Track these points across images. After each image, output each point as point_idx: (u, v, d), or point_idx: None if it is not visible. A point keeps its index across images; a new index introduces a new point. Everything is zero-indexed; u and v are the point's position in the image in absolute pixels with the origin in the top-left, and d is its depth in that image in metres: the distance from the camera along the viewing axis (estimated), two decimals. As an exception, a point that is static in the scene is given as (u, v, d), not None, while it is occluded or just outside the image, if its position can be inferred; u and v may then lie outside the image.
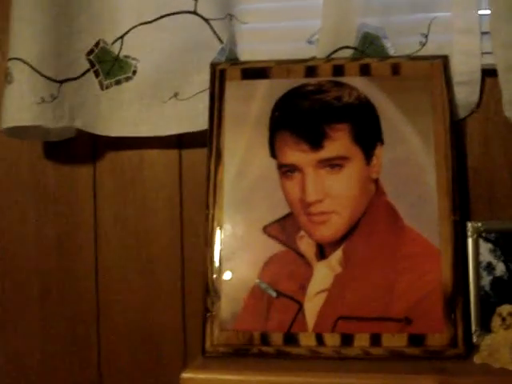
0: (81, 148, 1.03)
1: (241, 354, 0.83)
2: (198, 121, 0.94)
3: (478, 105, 0.93)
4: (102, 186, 1.03)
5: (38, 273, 1.05)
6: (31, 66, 0.90)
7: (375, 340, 0.81)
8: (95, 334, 1.03)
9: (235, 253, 0.86)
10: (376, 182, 0.85)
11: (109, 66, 0.95)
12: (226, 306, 0.84)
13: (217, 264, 0.86)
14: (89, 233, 1.03)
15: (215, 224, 0.87)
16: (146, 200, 1.02)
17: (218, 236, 0.87)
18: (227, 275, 0.86)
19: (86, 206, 1.03)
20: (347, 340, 0.82)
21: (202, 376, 0.79)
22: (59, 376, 1.04)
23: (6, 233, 1.05)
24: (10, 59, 0.91)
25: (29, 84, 0.90)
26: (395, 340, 0.81)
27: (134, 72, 0.95)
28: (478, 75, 0.91)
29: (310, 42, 0.94)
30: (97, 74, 0.96)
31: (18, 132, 0.95)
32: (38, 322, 1.04)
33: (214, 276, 0.86)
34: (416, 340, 0.81)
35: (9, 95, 0.91)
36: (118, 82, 0.95)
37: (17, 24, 0.91)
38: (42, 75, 0.91)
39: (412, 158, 0.85)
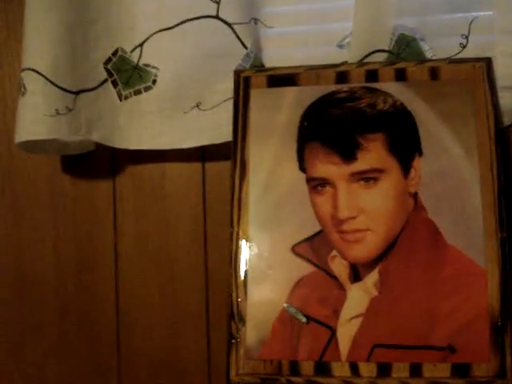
0: (100, 162, 0.98)
1: (268, 384, 0.77)
2: (221, 132, 0.89)
3: (525, 111, 0.86)
4: (121, 201, 0.98)
5: (56, 293, 1.00)
6: (45, 77, 0.86)
7: (415, 370, 0.75)
8: (115, 358, 0.98)
9: (262, 274, 0.81)
10: (415, 196, 0.79)
11: (127, 75, 0.90)
12: (252, 332, 0.79)
13: (242, 286, 0.81)
14: (109, 251, 0.98)
15: (240, 242, 0.82)
16: (167, 216, 0.96)
17: (243, 255, 0.82)
18: (253, 298, 0.80)
19: (105, 222, 0.98)
20: (384, 370, 0.76)
21: (226, 409, 0.73)
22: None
23: (23, 252, 1.01)
24: (23, 70, 0.87)
25: (43, 96, 0.86)
26: (437, 370, 0.75)
27: (154, 81, 0.89)
28: (523, 79, 0.84)
29: (340, 46, 0.88)
30: (115, 84, 0.91)
31: (34, 146, 0.91)
32: (55, 344, 1.00)
33: (239, 299, 0.80)
34: (460, 370, 0.75)
35: (22, 108, 0.87)
36: (138, 92, 0.90)
37: (30, 33, 0.87)
38: (57, 86, 0.87)
39: (454, 171, 0.79)
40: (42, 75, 0.86)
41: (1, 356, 1.01)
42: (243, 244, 0.81)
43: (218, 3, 0.88)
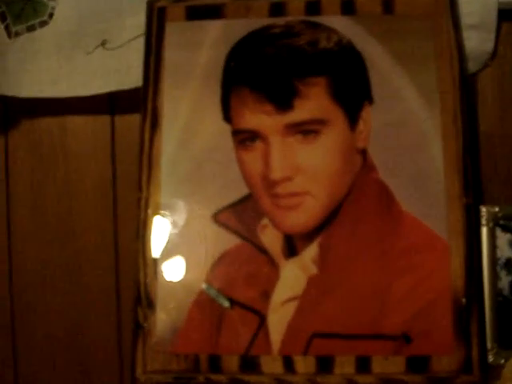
0: (-12, 115, 0.89)
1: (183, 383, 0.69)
2: (131, 76, 0.81)
3: (494, 55, 0.79)
4: (15, 163, 0.87)
5: None
6: None
7: (363, 364, 0.68)
8: (10, 350, 0.87)
9: (176, 248, 0.72)
10: (363, 153, 0.72)
11: (19, 7, 0.82)
12: (164, 320, 0.70)
13: (151, 264, 0.72)
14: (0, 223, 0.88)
15: (150, 211, 0.73)
16: (70, 180, 0.87)
17: (154, 226, 0.72)
18: (165, 278, 0.71)
19: (-4, 187, 0.90)
20: (325, 365, 0.68)
21: (127, 416, 0.62)
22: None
23: None
24: None
25: None
26: (389, 364, 0.67)
27: (51, 15, 0.82)
28: (493, 17, 0.77)
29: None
30: (3, 18, 0.82)
31: None
32: None
33: (148, 280, 0.71)
34: (417, 364, 0.67)
35: None
36: (31, 29, 0.82)
37: None
38: None
39: (411, 123, 0.72)
40: None
41: None
42: (154, 212, 0.73)
43: None
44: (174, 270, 0.71)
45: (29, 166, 0.87)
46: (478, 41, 0.77)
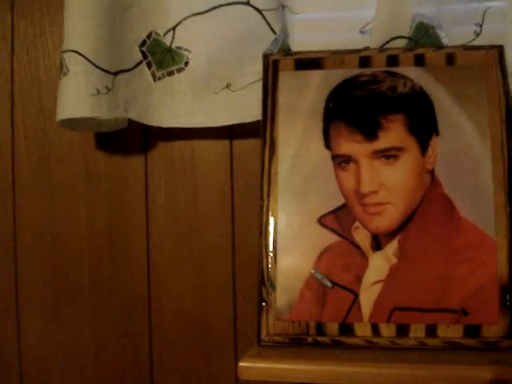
0: (132, 139, 1.07)
1: (296, 343, 0.86)
2: (250, 112, 0.96)
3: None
4: (153, 176, 1.06)
5: (89, 264, 1.09)
6: (86, 58, 0.94)
7: (431, 331, 0.83)
8: (147, 323, 1.07)
9: (290, 243, 0.88)
10: (431, 173, 0.87)
11: (161, 57, 0.98)
12: (282, 297, 0.87)
13: (272, 254, 0.89)
14: (140, 223, 1.07)
15: (270, 214, 0.89)
16: (196, 190, 1.05)
17: (273, 226, 0.90)
18: (282, 266, 0.88)
19: (137, 197, 1.07)
20: (403, 330, 0.84)
21: (258, 365, 0.82)
22: (111, 364, 1.09)
23: (58, 225, 1.10)
24: (65, 51, 0.95)
25: (84, 76, 0.94)
26: (451, 331, 0.83)
27: (186, 63, 0.97)
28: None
29: (363, 32, 0.97)
30: (149, 66, 0.99)
31: (72, 123, 0.99)
32: (89, 311, 1.09)
33: (269, 266, 0.89)
34: (472, 331, 0.83)
35: (65, 87, 0.95)
36: (171, 73, 0.98)
37: (71, 16, 0.95)
38: (97, 67, 0.95)
39: (468, 150, 0.87)
40: (84, 57, 0.94)
41: (38, 325, 1.11)
42: (273, 216, 0.89)
43: (250, -10, 0.96)
44: (289, 260, 0.88)
45: (164, 181, 1.06)
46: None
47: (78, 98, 0.94)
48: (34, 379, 1.12)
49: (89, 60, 0.94)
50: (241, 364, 0.82)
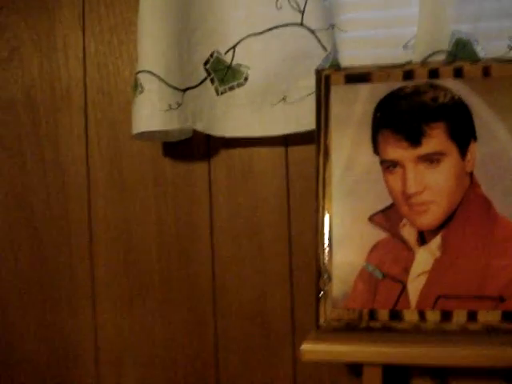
0: (196, 147, 1.19)
1: (351, 328, 0.97)
2: (304, 122, 1.06)
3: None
4: (216, 180, 1.18)
5: (159, 261, 1.22)
6: (159, 78, 1.06)
7: (472, 316, 0.92)
8: (212, 314, 1.19)
9: (344, 239, 0.98)
10: (470, 175, 0.95)
11: (223, 73, 1.09)
12: (337, 287, 0.97)
13: (327, 250, 1.00)
14: (205, 223, 1.18)
15: (325, 214, 1.01)
16: (255, 193, 1.16)
17: (328, 224, 1.01)
18: (337, 259, 0.98)
19: (202, 198, 1.18)
20: (446, 316, 0.93)
21: (318, 347, 0.94)
22: (179, 351, 1.22)
23: (130, 226, 1.23)
24: (140, 72, 1.08)
25: (158, 94, 1.06)
26: (490, 316, 0.91)
27: (246, 78, 1.08)
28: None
29: (405, 48, 1.07)
30: (212, 82, 1.10)
31: (145, 135, 1.12)
32: (159, 304, 1.22)
33: (326, 260, 1.00)
34: (509, 316, 0.91)
35: (140, 104, 1.07)
36: (232, 88, 1.09)
37: (144, 40, 1.08)
38: (169, 85, 1.07)
39: (503, 153, 0.94)
40: (157, 76, 1.07)
41: (113, 315, 1.25)
42: (328, 215, 0.99)
43: (303, 13, 1.08)
44: (343, 254, 0.97)
45: (225, 184, 1.17)
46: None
47: (152, 113, 1.06)
48: (108, 366, 1.26)
49: (161, 79, 1.06)
50: (303, 346, 0.93)
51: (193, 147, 1.18)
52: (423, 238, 0.96)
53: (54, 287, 1.28)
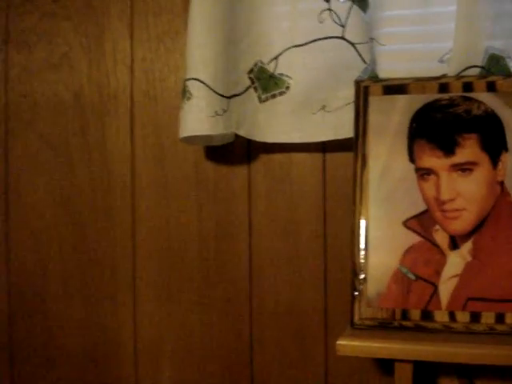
0: (237, 151, 1.26)
1: (384, 326, 1.02)
2: (342, 130, 1.12)
3: None
4: (255, 183, 1.24)
5: (199, 259, 1.29)
6: (207, 85, 1.13)
7: (499, 318, 0.96)
8: (248, 311, 1.26)
9: (379, 242, 1.03)
10: (501, 184, 1.00)
11: (265, 82, 1.15)
12: (372, 287, 1.02)
13: (363, 252, 1.06)
14: (244, 224, 1.25)
15: (361, 217, 1.07)
16: (293, 196, 1.23)
17: (364, 228, 1.07)
18: (372, 261, 1.03)
19: (241, 201, 1.25)
20: (475, 317, 0.97)
21: (353, 343, 1.00)
22: (216, 343, 1.28)
23: (172, 224, 1.30)
24: (189, 79, 1.15)
25: (206, 100, 1.13)
26: None
27: (287, 87, 1.14)
28: None
29: (441, 62, 1.13)
30: (256, 90, 1.16)
31: (190, 139, 1.19)
32: (197, 298, 1.29)
33: (361, 262, 1.06)
34: None
35: (188, 109, 1.14)
36: (274, 96, 1.15)
37: (193, 49, 1.14)
38: (216, 93, 1.14)
39: None
40: (205, 84, 1.14)
41: (152, 311, 1.32)
42: (364, 219, 1.04)
43: (344, 27, 1.14)
44: (378, 256, 1.02)
45: (265, 187, 1.24)
46: None
47: (199, 118, 1.13)
48: (147, 361, 1.33)
49: (209, 87, 1.13)
50: (339, 342, 0.99)
51: (234, 151, 1.25)
52: (455, 243, 1.01)
53: (97, 284, 1.35)
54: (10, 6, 1.38)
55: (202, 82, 1.13)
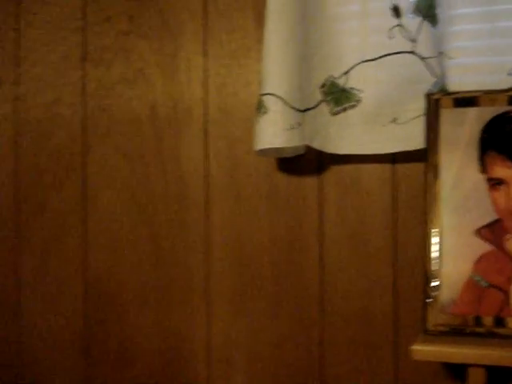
0: (308, 162, 1.32)
1: (457, 332, 1.07)
2: (413, 141, 1.16)
3: None
4: (326, 194, 1.31)
5: (270, 264, 1.35)
6: (283, 100, 1.19)
7: None
8: (318, 316, 1.31)
9: (452, 250, 1.08)
10: None
11: (337, 96, 1.20)
12: (445, 294, 1.08)
13: (436, 260, 1.11)
14: (315, 234, 1.31)
15: (434, 227, 1.12)
16: (363, 206, 1.28)
17: (437, 237, 1.12)
18: (446, 269, 1.10)
19: (312, 210, 1.31)
20: None
21: (427, 348, 1.04)
22: (286, 350, 1.34)
23: (244, 233, 1.37)
24: (265, 94, 1.21)
25: (282, 114, 1.19)
26: None
27: (358, 101, 1.18)
28: None
29: (510, 75, 1.17)
30: (328, 104, 1.22)
31: (264, 151, 1.25)
32: (269, 304, 1.35)
33: (434, 269, 1.11)
34: None
35: (264, 123, 1.21)
36: (345, 110, 1.19)
37: (269, 65, 1.21)
38: (291, 107, 1.20)
39: None
40: (281, 98, 1.20)
41: (225, 316, 1.39)
42: (436, 228, 1.12)
43: (414, 41, 1.19)
44: (451, 264, 1.09)
45: (335, 198, 1.29)
46: None
47: (276, 132, 1.19)
48: (219, 364, 1.39)
49: (285, 101, 1.19)
50: (414, 347, 1.04)
51: (305, 163, 1.30)
52: (526, 252, 1.09)
53: (171, 289, 1.42)
54: (87, 26, 1.45)
55: (278, 96, 1.19)
